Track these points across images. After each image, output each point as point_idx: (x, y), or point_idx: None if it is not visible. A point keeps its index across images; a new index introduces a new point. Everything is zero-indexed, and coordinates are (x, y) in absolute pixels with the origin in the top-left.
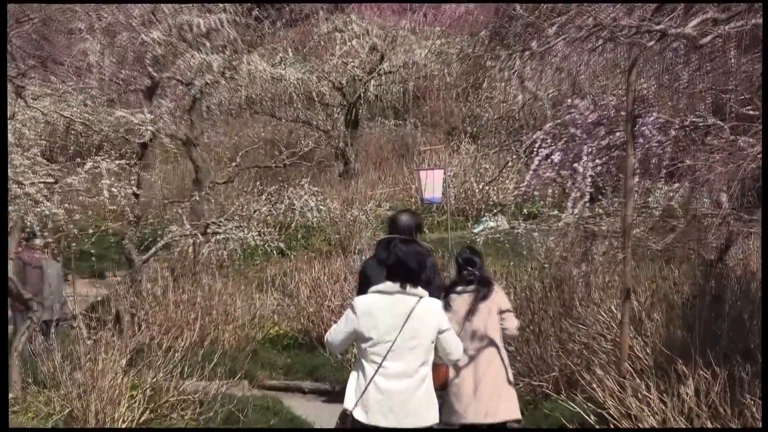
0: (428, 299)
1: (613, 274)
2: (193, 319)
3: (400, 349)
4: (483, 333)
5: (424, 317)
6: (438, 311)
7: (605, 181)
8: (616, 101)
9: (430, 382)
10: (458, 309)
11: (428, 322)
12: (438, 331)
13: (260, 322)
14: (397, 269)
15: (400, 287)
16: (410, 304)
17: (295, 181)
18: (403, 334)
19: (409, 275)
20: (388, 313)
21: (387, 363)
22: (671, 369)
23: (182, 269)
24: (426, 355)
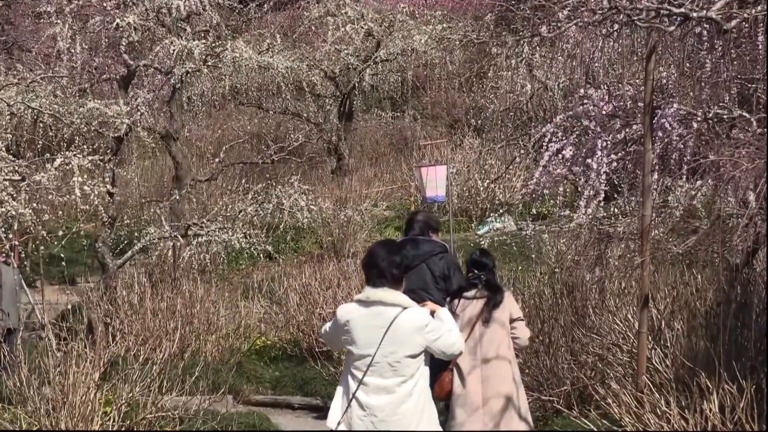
0: (412, 310)
1: (630, 280)
2: (172, 328)
3: (380, 366)
4: (493, 342)
5: (405, 331)
6: (422, 323)
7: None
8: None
9: (419, 396)
10: (468, 315)
11: (410, 337)
12: (426, 344)
13: (246, 331)
14: (365, 268)
15: (375, 293)
16: (389, 317)
17: (284, 179)
18: (382, 350)
19: (377, 272)
20: (365, 327)
21: (367, 379)
22: (693, 383)
23: (161, 274)
24: (410, 369)
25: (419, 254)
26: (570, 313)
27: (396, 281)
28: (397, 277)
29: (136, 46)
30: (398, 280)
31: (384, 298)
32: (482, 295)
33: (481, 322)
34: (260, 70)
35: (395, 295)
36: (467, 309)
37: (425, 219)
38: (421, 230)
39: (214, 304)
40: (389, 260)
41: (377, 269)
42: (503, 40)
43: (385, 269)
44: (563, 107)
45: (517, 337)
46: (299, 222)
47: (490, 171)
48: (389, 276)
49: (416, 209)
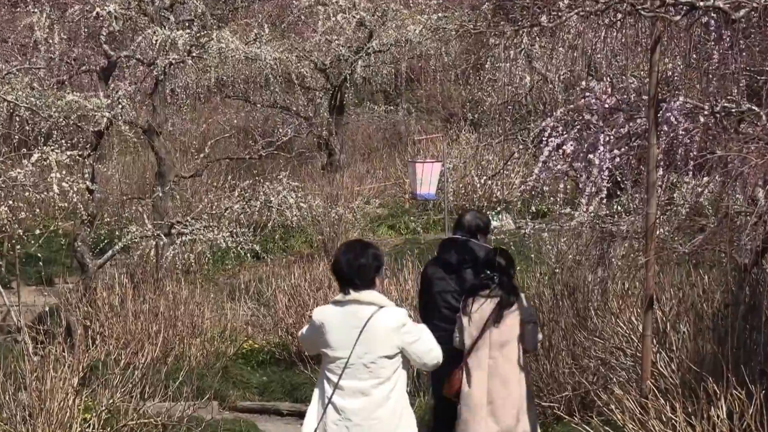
0: (388, 309)
1: (634, 281)
2: (155, 331)
3: (355, 367)
4: (504, 344)
5: (379, 331)
6: (398, 323)
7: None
8: (637, 84)
9: (396, 401)
10: (480, 315)
11: (384, 337)
12: (402, 345)
13: (232, 335)
14: (336, 273)
15: (349, 294)
16: (364, 316)
17: (272, 175)
18: (357, 350)
19: (343, 280)
20: (340, 327)
21: (343, 382)
22: (700, 388)
23: (143, 275)
24: (386, 371)
25: (472, 259)
26: (571, 316)
27: (366, 283)
28: (366, 278)
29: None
30: (369, 281)
31: (358, 297)
32: (495, 296)
33: (492, 322)
34: (247, 61)
35: (370, 294)
36: (480, 309)
37: (474, 219)
38: (470, 232)
39: (199, 306)
40: (351, 265)
41: (341, 276)
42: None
43: (349, 275)
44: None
45: (527, 339)
46: (288, 220)
47: (488, 167)
48: (357, 281)
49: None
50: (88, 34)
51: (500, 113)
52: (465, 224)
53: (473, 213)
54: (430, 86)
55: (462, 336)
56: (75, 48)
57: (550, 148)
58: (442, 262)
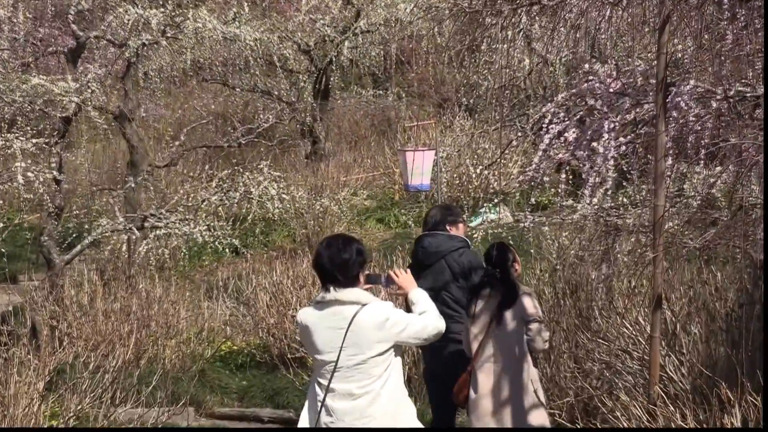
0: (372, 305)
1: (641, 278)
2: (127, 332)
3: (344, 370)
4: (505, 345)
5: (365, 330)
6: (381, 318)
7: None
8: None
9: (390, 395)
10: (483, 316)
11: (371, 336)
12: (391, 339)
13: (209, 336)
14: (315, 271)
15: (329, 292)
16: (347, 316)
17: (253, 164)
18: (344, 353)
19: (324, 275)
20: (323, 330)
21: (334, 385)
22: (712, 394)
23: (114, 272)
24: (378, 369)
25: (437, 251)
26: (573, 316)
27: (349, 279)
28: (349, 275)
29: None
30: (352, 278)
31: (339, 296)
32: (497, 294)
33: (495, 322)
34: (226, 42)
35: (351, 293)
36: (483, 309)
37: (440, 212)
38: (436, 225)
39: (174, 304)
40: (333, 261)
41: (323, 272)
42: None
43: (332, 271)
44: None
45: (530, 338)
46: (269, 213)
47: (484, 156)
48: (339, 277)
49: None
50: (55, 13)
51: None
52: (430, 220)
53: (436, 207)
54: (422, 69)
55: (468, 340)
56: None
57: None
58: (414, 260)
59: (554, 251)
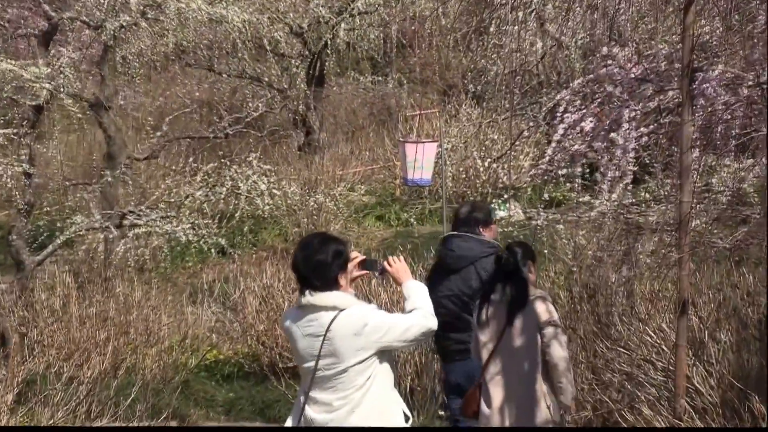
0: (350, 311)
1: (665, 281)
2: (103, 340)
3: (323, 379)
4: (517, 353)
5: (343, 338)
6: (359, 325)
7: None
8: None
9: (372, 402)
10: (494, 322)
11: (349, 344)
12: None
13: (193, 344)
14: (293, 270)
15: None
16: (324, 323)
17: (241, 157)
18: (322, 362)
19: (301, 279)
20: (302, 336)
21: (313, 393)
22: (744, 407)
23: (89, 274)
24: (360, 378)
25: (466, 255)
26: (591, 322)
27: (326, 283)
28: (326, 278)
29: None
30: (329, 281)
31: (315, 301)
32: (508, 296)
33: (506, 328)
34: (211, 24)
35: (328, 297)
36: (494, 315)
37: (471, 212)
38: (467, 225)
39: (155, 310)
40: (308, 263)
41: (298, 276)
42: None
43: (306, 274)
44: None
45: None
46: (259, 210)
47: (492, 147)
48: (315, 281)
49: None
50: None
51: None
52: (461, 218)
53: (469, 205)
54: (425, 53)
55: (477, 349)
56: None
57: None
58: (440, 263)
59: (570, 252)
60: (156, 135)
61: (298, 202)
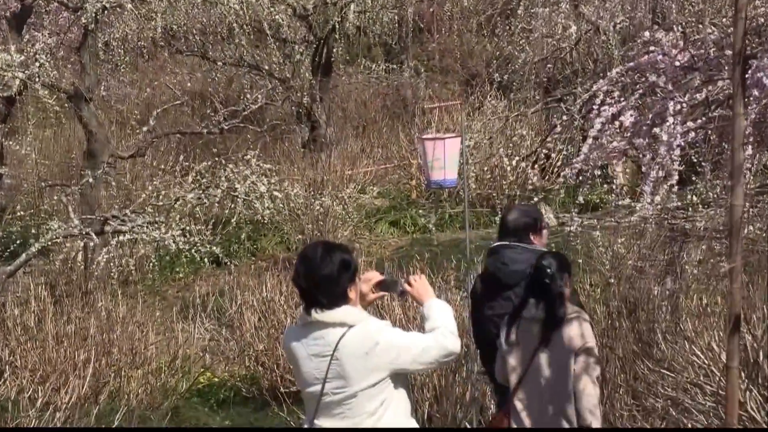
0: (359, 327)
1: (714, 294)
2: (83, 361)
3: (331, 405)
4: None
5: (352, 358)
6: (370, 343)
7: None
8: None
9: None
10: (525, 342)
11: (358, 365)
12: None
13: (184, 365)
14: (295, 286)
15: (311, 315)
16: (331, 341)
17: (238, 155)
18: (329, 385)
19: (304, 296)
20: (306, 357)
21: (319, 421)
22: None
23: (67, 286)
24: (372, 404)
25: (521, 270)
26: (631, 341)
27: (334, 298)
28: (333, 293)
29: None
30: (337, 296)
31: (322, 317)
32: (541, 314)
33: (538, 350)
34: (205, 6)
35: (336, 313)
36: (525, 334)
37: (523, 216)
38: (517, 233)
39: (141, 327)
40: (312, 278)
41: (302, 292)
42: None
43: (310, 290)
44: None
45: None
46: (258, 214)
47: (521, 144)
48: (321, 298)
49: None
50: None
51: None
52: (509, 226)
53: (517, 210)
54: (445, 38)
55: (504, 371)
56: None
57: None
58: (489, 277)
59: (607, 262)
60: (143, 130)
61: (302, 205)
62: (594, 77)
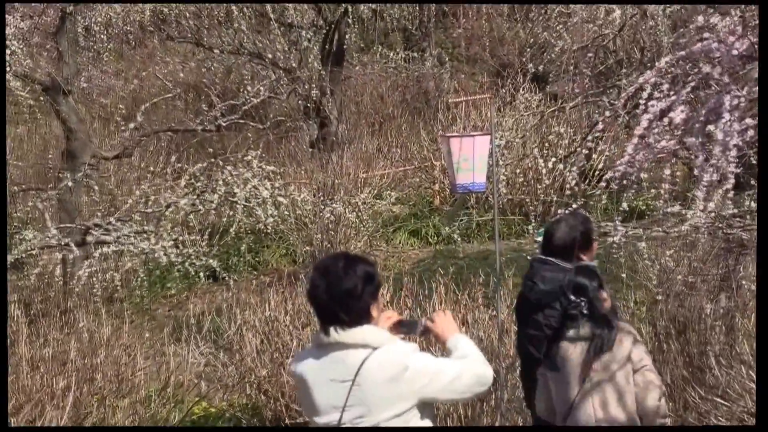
0: (385, 350)
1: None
2: (62, 389)
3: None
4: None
5: (376, 382)
6: (399, 367)
7: None
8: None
9: None
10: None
11: (384, 391)
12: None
13: (177, 393)
14: (312, 305)
15: (329, 336)
16: (353, 364)
17: (237, 156)
18: (349, 413)
19: (322, 313)
20: (322, 383)
21: None
22: None
23: (44, 304)
24: None
25: (544, 290)
26: (681, 365)
27: (356, 316)
28: (355, 310)
29: None
30: (359, 314)
31: (342, 338)
32: (585, 335)
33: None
34: None
35: (358, 333)
36: (569, 356)
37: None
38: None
39: (128, 350)
40: (333, 293)
41: (320, 309)
42: None
43: (331, 307)
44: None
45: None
46: (260, 223)
47: (558, 144)
48: (343, 315)
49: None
50: None
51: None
52: (556, 244)
53: (565, 224)
54: (473, 23)
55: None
56: None
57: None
58: (519, 296)
59: (654, 276)
60: (129, 127)
61: (309, 213)
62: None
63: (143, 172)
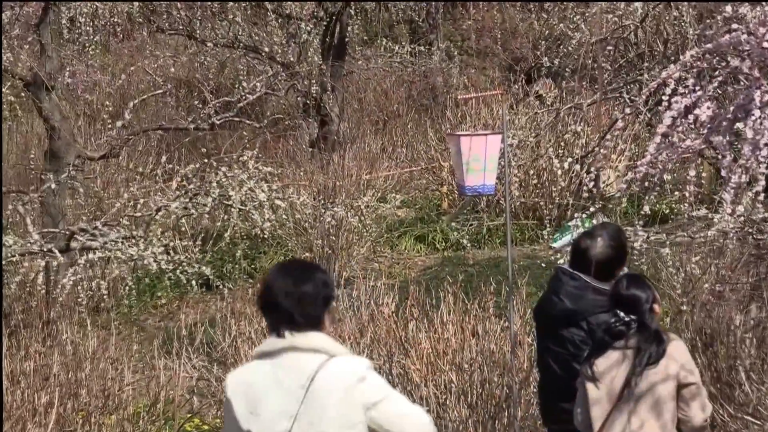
0: (343, 359)
1: None
2: (44, 405)
3: None
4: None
5: (330, 392)
6: (357, 375)
7: None
8: None
9: None
10: (609, 380)
11: (339, 399)
12: (364, 408)
13: (167, 409)
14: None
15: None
16: (308, 370)
17: (232, 156)
18: (300, 422)
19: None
20: (272, 388)
21: None
22: None
23: (25, 314)
24: None
25: (567, 308)
26: (708, 380)
27: (310, 321)
28: (311, 314)
29: None
30: (316, 320)
31: (297, 342)
32: (631, 347)
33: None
34: None
35: (314, 338)
36: (612, 369)
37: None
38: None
39: (115, 363)
40: (290, 295)
41: (275, 310)
42: None
43: (287, 308)
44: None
45: (688, 416)
46: (257, 227)
47: (575, 143)
48: (298, 317)
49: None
50: None
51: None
52: (595, 261)
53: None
54: (483, 14)
55: (588, 412)
56: None
57: (674, 112)
58: (538, 305)
59: (679, 285)
60: (116, 125)
61: (309, 217)
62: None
63: (132, 173)
